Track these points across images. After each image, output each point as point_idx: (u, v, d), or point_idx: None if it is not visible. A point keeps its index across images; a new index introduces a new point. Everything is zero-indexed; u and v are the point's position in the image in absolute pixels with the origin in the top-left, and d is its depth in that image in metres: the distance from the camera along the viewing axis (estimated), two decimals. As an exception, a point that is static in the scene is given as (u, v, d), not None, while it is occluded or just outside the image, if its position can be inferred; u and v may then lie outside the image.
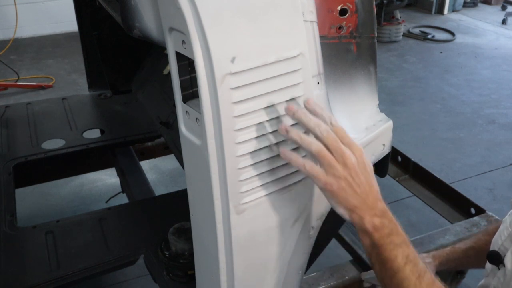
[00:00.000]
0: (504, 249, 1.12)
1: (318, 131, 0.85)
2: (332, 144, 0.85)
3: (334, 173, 0.85)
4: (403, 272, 0.89)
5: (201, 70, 0.84)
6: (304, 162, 0.86)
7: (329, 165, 0.85)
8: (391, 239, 0.90)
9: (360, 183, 0.87)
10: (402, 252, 0.90)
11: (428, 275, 0.91)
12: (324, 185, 0.87)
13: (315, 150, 0.85)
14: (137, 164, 2.19)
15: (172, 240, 1.37)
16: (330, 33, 1.07)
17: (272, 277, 1.09)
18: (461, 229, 1.81)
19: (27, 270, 1.43)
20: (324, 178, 0.86)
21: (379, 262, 0.92)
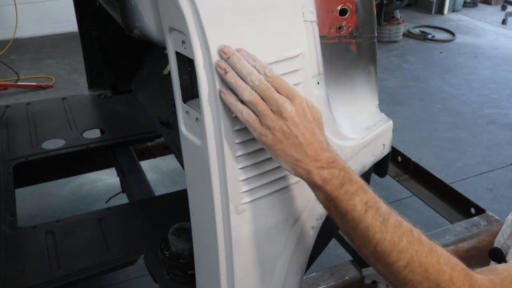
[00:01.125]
0: (507, 247, 1.12)
1: (249, 79, 0.81)
2: (265, 93, 0.81)
3: (268, 123, 0.81)
4: (365, 220, 0.83)
5: (201, 70, 0.84)
6: (242, 108, 0.82)
7: (262, 115, 0.81)
8: (345, 189, 0.84)
9: (299, 133, 0.82)
10: (360, 200, 0.84)
11: (393, 217, 0.85)
12: (259, 135, 0.83)
13: (247, 97, 0.81)
14: (137, 164, 2.19)
15: (172, 240, 1.37)
16: (330, 33, 1.07)
17: (272, 277, 1.09)
18: (461, 229, 1.81)
19: (27, 270, 1.43)
20: (259, 128, 0.82)
21: (339, 215, 0.86)
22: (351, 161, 1.13)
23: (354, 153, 1.13)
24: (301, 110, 0.83)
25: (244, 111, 0.82)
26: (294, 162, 0.84)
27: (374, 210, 0.85)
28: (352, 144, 1.12)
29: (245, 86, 0.81)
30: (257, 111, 0.82)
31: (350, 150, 1.12)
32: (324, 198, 0.86)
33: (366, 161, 1.17)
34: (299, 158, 0.83)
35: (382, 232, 0.84)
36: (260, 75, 0.82)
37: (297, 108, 0.82)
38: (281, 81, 0.83)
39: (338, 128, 1.09)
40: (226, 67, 0.82)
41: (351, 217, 0.85)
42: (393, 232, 0.84)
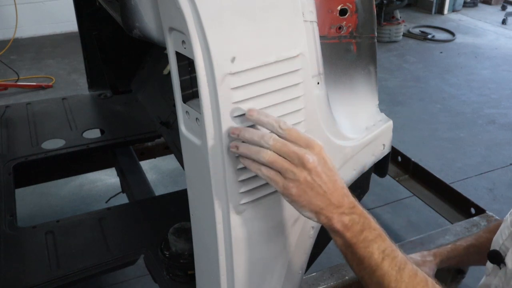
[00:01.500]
0: (505, 249, 1.12)
1: (263, 142, 0.82)
2: (282, 149, 0.82)
3: (291, 176, 0.81)
4: (382, 268, 0.85)
5: (201, 70, 0.84)
6: (260, 166, 0.83)
7: (284, 169, 0.82)
8: (364, 236, 0.86)
9: (322, 182, 0.83)
10: (377, 247, 0.86)
11: (409, 266, 0.87)
12: (282, 189, 0.83)
13: (263, 158, 0.82)
14: (137, 164, 2.19)
15: (172, 240, 1.37)
16: (330, 33, 1.07)
17: (272, 277, 1.09)
18: (461, 229, 1.81)
19: (27, 270, 1.43)
20: (282, 182, 0.82)
21: (356, 261, 0.87)
22: (351, 161, 1.13)
23: (354, 153, 1.13)
24: (322, 159, 0.83)
25: (262, 168, 0.83)
26: (319, 211, 0.85)
27: (391, 258, 0.86)
28: (352, 144, 1.12)
29: (258, 149, 0.82)
30: (278, 167, 0.82)
31: (350, 150, 1.12)
32: (343, 243, 0.87)
33: (366, 161, 1.17)
34: (323, 207, 0.84)
35: (397, 282, 0.85)
36: (272, 134, 0.83)
37: (318, 157, 0.83)
38: (297, 132, 0.83)
39: (338, 128, 1.09)
40: (236, 144, 0.84)
41: (368, 264, 0.86)
42: (408, 282, 0.86)
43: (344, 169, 1.13)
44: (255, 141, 0.83)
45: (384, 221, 2.76)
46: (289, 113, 0.94)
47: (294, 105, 0.95)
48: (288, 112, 0.94)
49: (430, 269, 1.42)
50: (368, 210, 2.44)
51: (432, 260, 1.44)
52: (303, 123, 0.98)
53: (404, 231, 2.66)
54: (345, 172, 1.13)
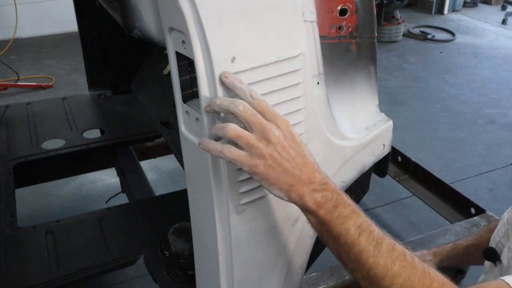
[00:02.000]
0: (501, 246, 1.13)
1: (233, 107, 0.78)
2: (250, 119, 0.78)
3: (257, 152, 0.78)
4: (359, 244, 0.81)
5: (201, 70, 0.84)
6: (221, 148, 0.79)
7: (249, 145, 0.78)
8: (338, 212, 0.82)
9: (290, 157, 0.79)
10: (353, 223, 0.82)
11: (386, 240, 0.83)
12: (249, 168, 0.79)
13: (229, 132, 0.78)
14: (137, 164, 2.19)
15: (172, 240, 1.37)
16: (330, 33, 1.07)
17: (272, 277, 1.09)
18: (461, 229, 1.81)
19: (27, 270, 1.43)
20: (248, 160, 0.78)
21: (331, 238, 0.84)
22: (351, 161, 1.13)
23: (354, 153, 1.13)
24: (289, 133, 0.81)
25: (225, 150, 0.79)
26: (288, 188, 0.81)
27: (367, 233, 0.82)
28: (352, 144, 1.12)
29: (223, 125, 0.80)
30: (243, 142, 0.78)
31: (350, 150, 1.12)
32: (317, 222, 0.84)
33: (366, 161, 1.17)
34: (292, 183, 0.81)
35: (375, 257, 0.82)
36: (243, 101, 0.80)
37: (284, 132, 0.80)
38: (266, 104, 0.81)
39: (338, 128, 1.09)
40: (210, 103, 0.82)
41: (345, 241, 0.83)
42: (386, 256, 0.82)
43: (344, 169, 1.13)
44: (225, 106, 0.80)
45: (384, 221, 2.77)
46: (289, 113, 0.94)
47: (294, 105, 0.95)
48: (288, 112, 0.94)
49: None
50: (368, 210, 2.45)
51: (432, 259, 1.44)
52: (303, 123, 0.98)
53: (404, 231, 2.66)
54: (345, 172, 1.13)
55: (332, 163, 1.09)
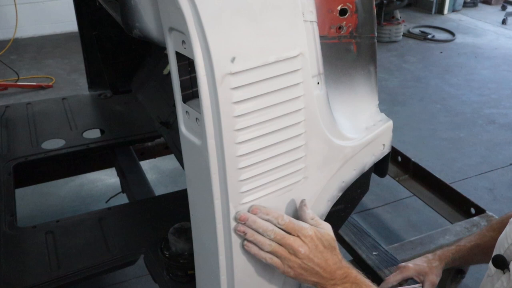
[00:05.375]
0: (510, 253, 1.10)
1: (266, 235, 0.97)
2: (281, 242, 0.97)
3: (289, 263, 0.98)
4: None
5: (201, 70, 0.84)
6: (265, 255, 0.98)
7: (282, 258, 0.98)
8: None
9: (314, 265, 0.99)
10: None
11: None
12: (283, 272, 0.99)
13: (267, 248, 0.97)
14: (137, 164, 2.19)
15: (172, 240, 1.37)
16: (330, 33, 1.07)
17: (272, 277, 1.09)
18: (461, 229, 1.82)
19: (27, 270, 1.43)
20: (282, 268, 0.99)
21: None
22: (351, 161, 1.13)
23: (354, 153, 1.13)
24: (313, 246, 0.99)
25: (267, 257, 0.99)
26: (315, 284, 1.02)
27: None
28: (352, 144, 1.12)
29: (263, 239, 0.97)
30: (278, 256, 0.98)
31: (350, 150, 1.12)
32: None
33: (366, 161, 1.17)
34: (318, 281, 1.01)
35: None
36: (274, 227, 0.97)
37: (309, 245, 0.98)
38: (293, 225, 0.98)
39: (338, 128, 1.09)
40: (244, 230, 0.97)
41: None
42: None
43: (344, 169, 1.12)
44: (259, 232, 0.98)
45: (384, 221, 2.77)
46: (289, 113, 0.94)
47: (294, 105, 0.95)
48: (288, 112, 0.94)
49: (437, 275, 1.43)
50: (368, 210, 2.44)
51: (438, 265, 1.44)
52: (303, 123, 0.98)
53: (404, 231, 2.66)
54: (345, 172, 1.13)
55: (332, 163, 1.09)
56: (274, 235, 0.97)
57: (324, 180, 1.08)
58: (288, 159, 0.98)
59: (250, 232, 0.98)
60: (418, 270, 1.43)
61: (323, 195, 1.10)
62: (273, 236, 0.97)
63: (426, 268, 1.42)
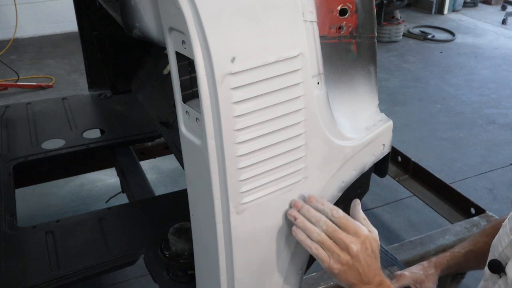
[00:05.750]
0: (505, 257, 1.10)
1: (318, 226, 0.96)
2: (332, 235, 0.95)
3: (337, 258, 0.95)
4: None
5: (201, 70, 0.84)
6: (311, 244, 0.96)
7: (330, 251, 0.95)
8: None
9: (360, 266, 0.96)
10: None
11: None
12: (328, 267, 0.96)
13: (315, 238, 0.95)
14: (137, 164, 2.19)
15: (172, 240, 1.37)
16: (330, 33, 1.07)
17: (272, 277, 1.09)
18: (461, 229, 1.81)
19: (27, 270, 1.43)
20: (328, 262, 0.96)
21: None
22: (351, 161, 1.13)
23: (354, 153, 1.13)
24: (364, 247, 0.97)
25: (313, 247, 0.96)
26: (351, 285, 0.99)
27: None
28: (352, 144, 1.12)
29: (313, 228, 0.95)
30: (326, 248, 0.95)
31: (350, 150, 1.11)
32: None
33: (366, 161, 1.17)
34: (356, 283, 0.99)
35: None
36: (327, 219, 0.96)
37: (361, 246, 0.96)
38: (347, 220, 0.96)
39: (338, 128, 1.09)
40: (295, 215, 0.97)
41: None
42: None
43: (344, 169, 1.12)
44: (312, 222, 0.96)
45: (384, 221, 2.77)
46: (289, 113, 0.94)
47: (294, 105, 0.95)
48: (288, 112, 0.94)
49: (433, 282, 1.43)
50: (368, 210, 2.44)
51: (434, 273, 1.44)
52: (303, 123, 0.98)
53: (404, 231, 2.66)
54: (345, 172, 1.13)
55: (332, 163, 1.09)
56: (326, 227, 0.95)
57: (324, 180, 1.08)
58: (288, 159, 0.98)
59: (301, 218, 0.96)
60: (414, 278, 1.43)
61: (323, 195, 1.09)
62: (325, 227, 0.95)
63: (422, 276, 1.43)
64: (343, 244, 0.95)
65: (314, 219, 0.96)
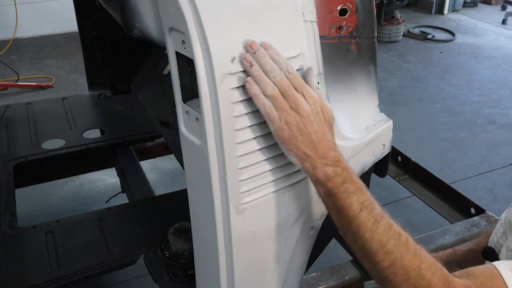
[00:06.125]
0: (499, 245, 1.13)
1: (272, 75, 0.86)
2: (285, 89, 0.86)
3: (286, 118, 0.86)
4: (359, 218, 0.89)
5: (201, 70, 0.84)
6: (265, 101, 0.86)
7: (281, 110, 0.86)
8: (345, 187, 0.90)
9: (312, 131, 0.87)
10: (357, 199, 0.90)
11: (385, 219, 0.91)
12: (276, 129, 0.88)
13: (270, 91, 0.86)
14: (137, 164, 2.19)
15: (172, 240, 1.37)
16: (330, 33, 1.07)
17: (272, 277, 1.09)
18: (461, 229, 1.81)
19: (27, 270, 1.43)
20: (277, 122, 0.87)
21: (335, 210, 0.92)
22: (351, 161, 1.13)
23: (354, 153, 1.13)
24: (315, 110, 0.88)
25: (266, 104, 0.86)
26: (304, 157, 0.89)
27: (368, 210, 0.90)
28: (352, 144, 1.12)
29: (268, 80, 0.86)
30: (277, 106, 0.86)
31: (350, 150, 1.12)
32: (325, 193, 0.91)
33: (366, 161, 1.17)
34: (309, 154, 0.89)
35: (372, 232, 0.89)
36: (281, 72, 0.87)
37: (312, 107, 0.88)
38: (299, 79, 0.88)
39: (338, 128, 1.09)
40: (251, 61, 0.86)
41: (346, 214, 0.90)
42: (382, 233, 0.89)
43: (344, 169, 1.12)
44: (266, 69, 0.86)
45: (384, 221, 2.76)
46: (289, 113, 0.94)
47: (294, 105, 0.95)
48: (288, 112, 0.94)
49: None
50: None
51: None
52: (303, 123, 0.98)
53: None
54: (345, 172, 1.13)
55: (332, 163, 1.09)
56: (280, 79, 0.86)
57: (324, 180, 1.08)
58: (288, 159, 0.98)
59: (257, 66, 0.85)
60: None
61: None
62: (279, 79, 0.86)
63: None
64: (293, 102, 0.86)
65: (269, 67, 0.86)
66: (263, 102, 0.86)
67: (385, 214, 0.92)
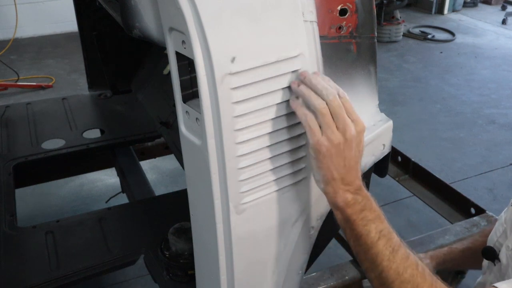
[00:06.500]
0: (499, 245, 1.14)
1: (324, 93, 0.85)
2: (336, 110, 0.85)
3: (330, 136, 0.86)
4: (377, 247, 0.90)
5: (201, 70, 0.84)
6: (306, 113, 0.86)
7: (327, 126, 0.86)
8: (363, 215, 0.91)
9: (349, 156, 0.87)
10: (375, 227, 0.91)
11: (402, 249, 0.92)
12: (316, 142, 0.87)
13: (319, 105, 0.85)
14: (137, 164, 2.19)
15: (172, 240, 1.37)
16: (330, 33, 1.06)
17: (272, 277, 1.09)
18: (461, 229, 1.81)
19: (27, 270, 1.43)
20: (319, 135, 0.86)
21: (353, 237, 0.93)
22: (351, 161, 1.13)
23: (354, 153, 1.13)
24: (359, 139, 0.89)
25: (309, 116, 0.86)
26: (329, 180, 0.90)
27: (386, 239, 0.91)
28: (352, 144, 1.12)
29: (317, 97, 0.85)
30: (324, 121, 0.85)
31: (350, 150, 1.12)
32: (342, 218, 0.92)
33: (366, 161, 1.17)
34: (336, 178, 0.89)
35: (389, 261, 0.90)
36: (335, 92, 0.86)
37: (358, 135, 0.88)
38: (350, 105, 0.88)
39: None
40: (299, 82, 0.88)
41: (364, 241, 0.91)
42: (400, 263, 0.90)
43: (344, 169, 1.13)
44: (317, 88, 0.86)
45: (384, 221, 2.76)
46: (289, 113, 0.94)
47: (294, 105, 0.95)
48: (288, 112, 0.94)
49: None
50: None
51: (429, 263, 1.44)
52: (303, 123, 0.98)
53: (404, 231, 2.66)
54: (345, 172, 1.13)
55: (332, 163, 1.09)
56: (333, 98, 0.85)
57: (324, 180, 1.08)
58: (288, 159, 0.98)
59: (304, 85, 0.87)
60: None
61: (323, 195, 1.10)
62: (332, 98, 0.85)
63: None
64: (342, 124, 0.85)
65: (321, 86, 0.85)
66: (305, 113, 0.87)
67: (402, 243, 0.94)
